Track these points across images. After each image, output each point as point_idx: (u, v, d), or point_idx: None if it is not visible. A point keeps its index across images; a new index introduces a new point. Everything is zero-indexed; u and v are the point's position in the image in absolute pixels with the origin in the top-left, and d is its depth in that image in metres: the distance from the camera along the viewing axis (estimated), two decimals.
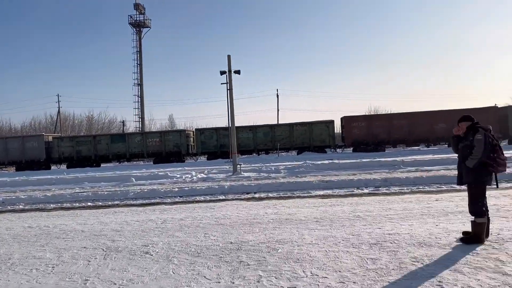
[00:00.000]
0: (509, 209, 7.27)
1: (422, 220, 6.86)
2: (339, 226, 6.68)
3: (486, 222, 5.26)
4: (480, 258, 4.67)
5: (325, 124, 32.85)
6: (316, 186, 12.29)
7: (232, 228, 6.98)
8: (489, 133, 5.17)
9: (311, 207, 8.79)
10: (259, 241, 6.00)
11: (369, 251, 5.19)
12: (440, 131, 30.84)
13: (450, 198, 8.90)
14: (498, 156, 5.10)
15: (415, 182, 12.12)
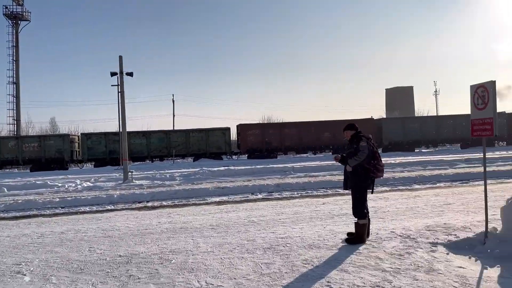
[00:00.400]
0: (385, 211, 8.07)
1: (312, 223, 7.22)
2: (235, 232, 6.67)
3: (368, 223, 5.74)
4: (362, 257, 5.04)
5: (222, 131, 33.12)
6: (212, 192, 12.22)
7: (121, 240, 6.50)
8: (370, 142, 5.67)
9: (207, 214, 8.67)
10: (152, 252, 5.67)
11: (263, 255, 5.25)
12: (326, 140, 33.35)
13: (335, 202, 9.56)
14: (378, 163, 5.62)
15: (305, 187, 12.82)
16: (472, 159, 20.00)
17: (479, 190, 10.50)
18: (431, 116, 43.38)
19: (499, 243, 4.95)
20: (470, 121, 5.49)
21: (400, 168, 17.74)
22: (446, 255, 4.97)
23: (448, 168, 16.89)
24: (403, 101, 79.50)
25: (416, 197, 9.74)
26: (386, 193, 10.65)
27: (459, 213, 7.53)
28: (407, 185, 12.49)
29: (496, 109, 5.05)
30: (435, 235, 5.86)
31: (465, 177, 13.76)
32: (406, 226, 6.55)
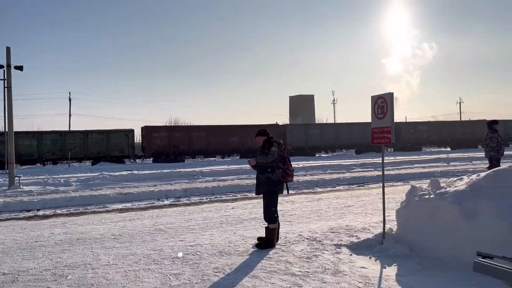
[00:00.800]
0: (292, 214, 8.31)
1: (222, 228, 7.11)
2: (140, 242, 6.26)
3: (277, 227, 5.81)
4: (273, 261, 5.06)
5: (125, 133, 31.44)
6: (114, 199, 11.43)
7: (5, 255, 5.67)
8: (281, 147, 5.76)
9: (108, 223, 8.04)
10: (43, 268, 5.03)
11: (171, 266, 4.98)
12: (234, 144, 33.68)
13: (244, 206, 9.60)
14: (288, 168, 5.74)
15: (213, 191, 12.68)
16: (366, 164, 21.78)
17: (374, 193, 11.43)
18: (330, 124, 46.49)
19: (395, 243, 5.36)
20: (371, 129, 5.88)
21: (303, 172, 18.56)
22: (350, 256, 5.23)
23: (345, 172, 18.13)
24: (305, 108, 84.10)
25: (320, 200, 10.22)
26: (292, 196, 11.00)
27: (358, 214, 8.05)
28: (311, 188, 13.10)
29: (394, 118, 5.48)
30: (338, 237, 6.16)
31: (361, 180, 14.90)
32: (312, 228, 6.79)
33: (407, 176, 15.95)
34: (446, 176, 15.85)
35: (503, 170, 4.79)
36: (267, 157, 5.61)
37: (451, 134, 40.32)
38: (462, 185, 5.03)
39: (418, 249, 5.15)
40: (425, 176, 15.83)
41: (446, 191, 5.07)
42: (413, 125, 40.56)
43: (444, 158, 24.35)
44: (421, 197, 5.31)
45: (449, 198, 4.87)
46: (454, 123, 43.17)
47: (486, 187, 4.70)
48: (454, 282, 4.18)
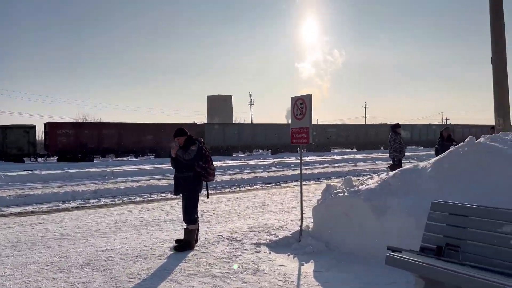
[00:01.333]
0: (211, 214, 8.18)
1: (136, 231, 6.73)
2: (43, 249, 5.65)
3: (197, 228, 5.65)
4: (192, 264, 4.89)
5: (24, 129, 28.55)
6: (11, 202, 10.25)
7: None
8: (202, 145, 5.61)
9: (4, 228, 7.15)
10: None
11: (80, 273, 4.56)
12: (149, 143, 32.42)
13: (160, 207, 9.23)
14: (209, 166, 5.60)
15: (126, 192, 12.04)
16: (282, 163, 22.47)
17: (289, 191, 11.77)
18: (248, 124, 47.23)
19: (312, 240, 5.52)
20: (290, 130, 6.00)
21: (222, 172, 18.51)
22: (269, 255, 5.26)
23: (262, 172, 18.49)
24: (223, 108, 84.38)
25: (238, 199, 10.24)
26: (211, 196, 10.80)
27: (276, 213, 8.20)
28: (229, 187, 13.08)
29: (312, 119, 5.65)
30: (258, 235, 6.18)
31: (277, 179, 15.29)
32: (232, 228, 6.74)
33: (319, 175, 16.75)
34: (354, 175, 16.96)
35: (408, 170, 5.20)
36: (186, 154, 5.43)
37: (357, 136, 43.41)
38: (373, 183, 5.35)
39: (333, 245, 5.36)
40: (336, 175, 16.76)
41: (359, 189, 5.35)
42: (324, 127, 42.86)
43: (351, 158, 26.09)
44: (336, 195, 5.55)
45: (362, 195, 5.15)
46: (360, 126, 46.59)
47: (394, 185, 5.06)
48: (366, 274, 4.40)
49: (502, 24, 7.23)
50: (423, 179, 4.89)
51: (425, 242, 3.79)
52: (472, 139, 4.94)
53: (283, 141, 38.37)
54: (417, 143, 45.20)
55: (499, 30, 7.24)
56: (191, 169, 5.50)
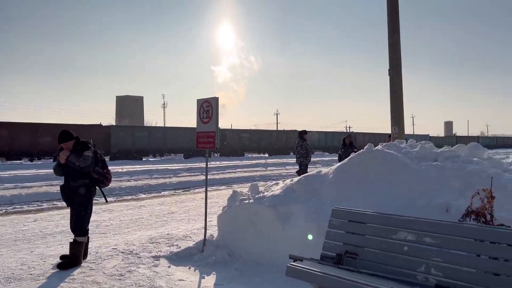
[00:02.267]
0: (108, 224, 7.47)
1: (16, 247, 5.84)
2: None
3: (87, 241, 5.04)
4: (76, 284, 4.29)
5: None
6: None
7: None
8: (95, 149, 5.04)
9: None
10: None
11: None
12: (46, 145, 29.50)
13: (50, 217, 8.23)
14: (107, 172, 5.09)
15: (13, 200, 10.63)
16: (194, 168, 21.94)
17: (198, 197, 11.39)
18: (159, 127, 45.62)
19: (215, 250, 5.24)
20: (196, 134, 5.67)
21: (127, 177, 17.43)
22: (168, 268, 4.86)
23: (172, 177, 17.79)
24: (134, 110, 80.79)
25: (142, 207, 9.58)
26: (111, 204, 10.02)
27: (181, 221, 7.77)
28: (133, 194, 12.27)
29: (218, 123, 5.39)
30: (158, 247, 5.72)
31: (187, 185, 14.78)
32: (130, 240, 6.17)
33: (230, 180, 16.61)
34: (265, 179, 17.16)
35: (312, 176, 5.19)
36: (79, 161, 4.80)
37: (269, 142, 44.44)
38: (278, 189, 5.25)
39: (237, 254, 5.13)
40: (247, 180, 16.78)
41: (264, 195, 5.21)
42: (237, 132, 43.13)
43: (262, 163, 26.50)
44: (242, 202, 5.35)
45: (267, 202, 5.01)
46: (271, 132, 47.78)
47: (298, 191, 5.00)
48: (269, 285, 4.24)
49: (398, 38, 7.73)
50: (325, 185, 4.90)
51: (326, 250, 3.72)
52: (371, 147, 5.09)
53: None
54: (323, 149, 47.68)
55: (395, 43, 7.73)
56: (87, 176, 4.91)
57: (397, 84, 7.75)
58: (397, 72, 7.74)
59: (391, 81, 7.80)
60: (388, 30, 7.84)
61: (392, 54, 7.76)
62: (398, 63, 7.73)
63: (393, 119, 7.80)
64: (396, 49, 7.71)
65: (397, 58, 7.73)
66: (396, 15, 7.75)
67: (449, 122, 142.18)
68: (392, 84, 7.79)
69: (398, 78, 7.75)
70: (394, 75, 7.76)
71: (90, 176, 4.95)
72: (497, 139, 75.48)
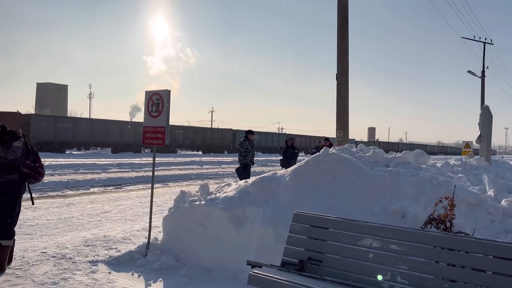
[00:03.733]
0: (33, 224, 6.70)
1: None
2: None
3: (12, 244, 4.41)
4: None
5: None
6: None
7: None
8: (26, 141, 4.43)
9: None
10: None
11: None
12: None
13: None
14: (40, 165, 4.50)
15: None
16: (124, 164, 20.82)
17: (132, 196, 10.76)
18: (85, 119, 42.83)
19: (160, 254, 4.88)
20: (143, 128, 5.25)
21: (50, 171, 15.98)
22: (108, 275, 4.42)
23: (101, 172, 16.70)
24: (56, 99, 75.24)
25: (70, 205, 8.78)
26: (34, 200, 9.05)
27: (117, 222, 7.21)
28: (59, 190, 11.26)
29: (169, 118, 5.03)
30: (95, 251, 5.21)
31: (118, 181, 13.95)
32: (61, 242, 5.55)
33: (165, 178, 16.01)
34: (201, 178, 16.79)
35: (267, 178, 5.05)
36: (7, 153, 4.16)
37: (203, 139, 43.82)
38: (231, 190, 5.03)
39: (184, 259, 4.83)
40: (183, 178, 16.30)
41: (216, 197, 4.96)
42: (171, 128, 41.92)
43: (198, 161, 26.00)
44: (191, 203, 5.04)
45: (220, 204, 4.76)
46: (206, 129, 47.15)
47: (253, 193, 4.82)
48: None
49: (346, 45, 7.90)
50: (282, 187, 4.79)
51: (287, 256, 3.58)
52: (327, 150, 5.08)
53: (126, 140, 36.07)
54: (257, 149, 48.20)
55: (344, 50, 7.88)
56: (16, 170, 4.28)
57: (344, 90, 7.91)
58: (344, 78, 7.90)
59: (338, 86, 7.95)
60: (337, 36, 7.98)
61: (341, 60, 7.91)
62: (346, 69, 7.90)
63: (339, 124, 7.96)
64: (344, 55, 7.87)
65: (345, 64, 7.89)
66: (345, 21, 7.92)
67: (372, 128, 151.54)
68: (339, 89, 7.94)
69: (345, 84, 7.91)
70: (341, 80, 7.91)
71: (19, 170, 4.34)
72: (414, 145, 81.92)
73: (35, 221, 6.96)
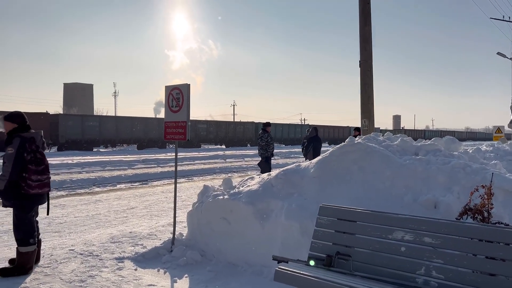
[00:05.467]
0: (62, 221, 6.81)
1: None
2: None
3: (36, 248, 4.38)
4: None
5: None
6: None
7: None
8: (33, 145, 4.21)
9: None
10: None
11: None
12: None
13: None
14: (29, 177, 4.16)
15: None
16: (149, 160, 21.08)
17: (158, 191, 10.83)
18: (111, 117, 43.65)
19: (186, 250, 4.84)
20: (164, 123, 5.21)
21: (78, 169, 16.40)
22: (135, 272, 4.41)
23: (127, 169, 16.96)
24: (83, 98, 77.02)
25: (97, 202, 8.91)
26: (63, 199, 9.26)
27: (143, 218, 7.25)
28: (87, 187, 11.47)
29: (190, 112, 4.96)
30: (121, 247, 5.22)
31: (144, 177, 14.10)
32: (88, 239, 5.60)
33: (190, 172, 16.08)
34: (225, 171, 16.80)
35: (291, 170, 4.92)
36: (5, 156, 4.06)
37: (226, 133, 43.96)
38: (255, 184, 4.93)
39: (210, 255, 4.78)
40: (207, 172, 16.34)
41: (239, 191, 4.87)
42: (194, 123, 42.23)
43: (221, 155, 26.07)
44: (215, 198, 4.97)
45: (243, 198, 4.67)
46: (229, 123, 47.26)
47: (277, 186, 4.71)
48: None
49: (369, 30, 7.62)
50: (306, 179, 4.65)
51: (314, 251, 3.45)
52: (352, 139, 4.90)
53: (151, 136, 36.53)
54: (280, 141, 47.96)
55: (367, 35, 7.61)
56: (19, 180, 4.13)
57: (368, 77, 7.66)
58: (368, 65, 7.64)
59: (362, 73, 7.70)
60: (359, 21, 7.71)
61: (364, 46, 7.65)
62: (369, 55, 7.63)
63: (363, 112, 7.72)
64: (368, 41, 7.60)
65: (368, 50, 7.62)
66: (367, 5, 7.63)
67: (397, 116, 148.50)
68: (363, 77, 7.69)
69: (369, 70, 7.65)
70: (365, 67, 7.65)
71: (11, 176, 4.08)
72: (442, 132, 79.81)
73: (64, 218, 7.08)
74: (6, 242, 5.53)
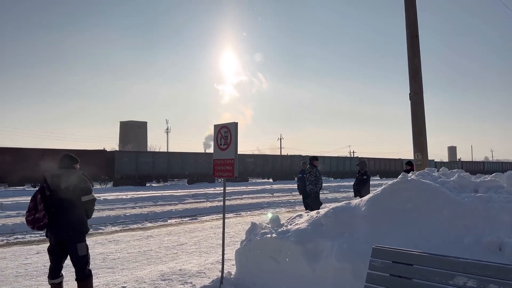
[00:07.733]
0: (115, 257, 7.01)
1: (17, 284, 5.41)
2: None
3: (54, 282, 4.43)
4: None
5: None
6: None
7: None
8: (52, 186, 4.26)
9: None
10: None
11: None
12: None
13: None
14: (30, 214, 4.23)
15: (15, 229, 10.18)
16: (199, 194, 21.46)
17: (207, 227, 10.91)
18: (163, 152, 45.27)
19: None
20: (213, 161, 5.32)
21: (132, 204, 17.00)
22: None
23: (178, 203, 17.33)
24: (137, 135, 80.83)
25: (149, 237, 9.12)
26: (117, 234, 9.58)
27: (192, 254, 7.30)
28: (139, 222, 11.80)
29: (237, 150, 5.04)
30: (171, 285, 5.26)
31: (193, 212, 14.31)
32: (140, 276, 5.71)
33: (238, 207, 16.11)
34: (273, 206, 16.67)
35: (341, 208, 4.79)
36: None
37: (273, 166, 43.99)
38: (303, 222, 4.84)
39: None
40: (255, 207, 16.29)
41: (288, 229, 4.79)
42: (242, 157, 42.76)
43: (268, 189, 25.99)
44: (263, 236, 4.92)
45: (292, 237, 4.59)
46: (276, 157, 47.37)
47: (326, 225, 4.59)
48: None
49: (418, 63, 7.47)
50: (357, 219, 4.49)
51: None
52: (405, 176, 4.71)
53: (200, 170, 37.30)
54: (328, 174, 47.13)
55: (416, 68, 7.46)
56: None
57: (420, 110, 7.43)
58: (419, 97, 7.43)
59: (412, 106, 7.49)
60: (408, 54, 7.59)
61: (413, 78, 7.48)
62: (419, 87, 7.44)
63: (416, 146, 7.44)
64: (417, 73, 7.43)
65: (418, 83, 7.44)
66: (416, 38, 7.52)
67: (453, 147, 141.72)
68: (414, 110, 7.47)
69: (420, 103, 7.44)
70: (415, 100, 7.45)
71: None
72: (503, 164, 74.72)
73: (117, 254, 7.29)
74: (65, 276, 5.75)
